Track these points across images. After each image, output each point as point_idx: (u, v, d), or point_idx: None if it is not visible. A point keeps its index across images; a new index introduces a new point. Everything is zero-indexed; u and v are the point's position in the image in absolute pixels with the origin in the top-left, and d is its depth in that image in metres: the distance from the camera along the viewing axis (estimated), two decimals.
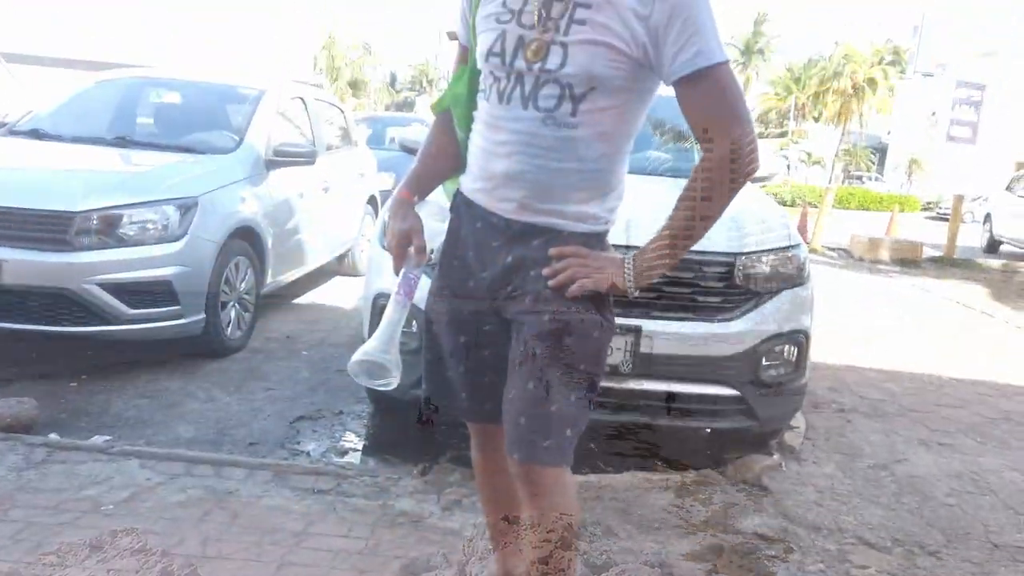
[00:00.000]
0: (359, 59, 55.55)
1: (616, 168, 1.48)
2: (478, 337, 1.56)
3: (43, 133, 4.44)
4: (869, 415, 3.79)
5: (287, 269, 4.88)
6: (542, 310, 1.45)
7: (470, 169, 1.54)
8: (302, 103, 5.49)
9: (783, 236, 2.95)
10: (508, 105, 1.42)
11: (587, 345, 1.46)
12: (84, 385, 3.48)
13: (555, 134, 1.40)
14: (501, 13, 1.43)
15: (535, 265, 1.47)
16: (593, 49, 1.35)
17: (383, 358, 1.50)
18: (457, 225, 1.57)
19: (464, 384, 1.60)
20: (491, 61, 1.44)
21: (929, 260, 10.71)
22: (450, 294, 1.57)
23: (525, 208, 1.46)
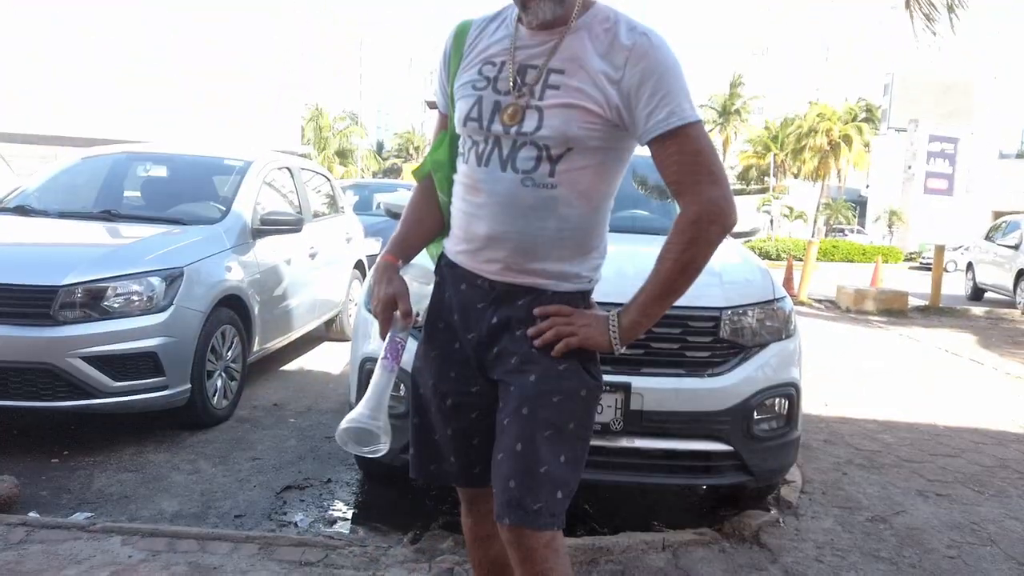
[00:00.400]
0: (346, 129, 56.55)
1: (597, 227, 1.50)
2: (465, 400, 1.54)
3: (29, 209, 4.46)
4: (865, 467, 3.76)
5: (274, 336, 4.86)
6: (528, 370, 1.44)
7: (453, 232, 1.55)
8: (289, 172, 5.55)
9: (767, 290, 2.97)
10: (487, 168, 1.45)
11: (575, 404, 1.45)
12: (66, 461, 3.41)
13: (534, 194, 1.42)
14: (477, 80, 1.47)
15: (520, 325, 1.47)
16: (567, 112, 1.39)
17: (371, 424, 1.47)
18: (442, 288, 1.57)
19: (452, 448, 1.57)
20: (469, 126, 1.47)
21: (915, 309, 10.79)
22: (436, 357, 1.56)
23: (508, 269, 1.47)
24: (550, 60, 1.42)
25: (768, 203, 39.90)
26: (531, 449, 1.40)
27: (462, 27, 1.58)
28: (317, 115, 53.22)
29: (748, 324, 2.81)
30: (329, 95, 71.43)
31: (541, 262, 1.46)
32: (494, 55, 1.48)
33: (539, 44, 1.44)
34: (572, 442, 1.44)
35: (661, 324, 2.70)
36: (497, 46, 1.49)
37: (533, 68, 1.43)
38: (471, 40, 1.53)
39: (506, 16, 1.52)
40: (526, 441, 1.41)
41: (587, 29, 1.43)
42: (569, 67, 1.40)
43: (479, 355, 1.51)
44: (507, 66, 1.45)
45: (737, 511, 2.98)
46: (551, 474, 1.40)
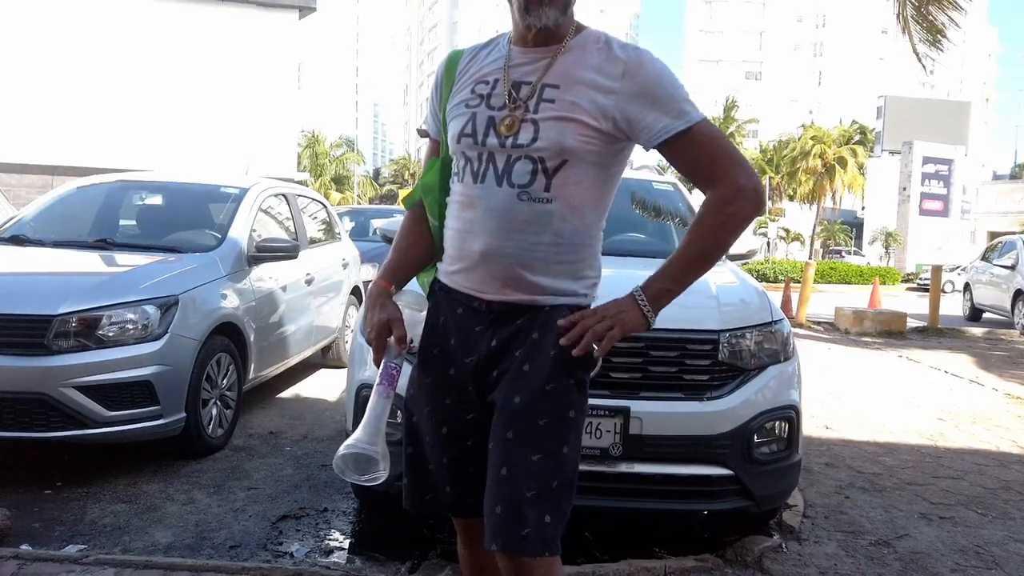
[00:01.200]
0: (342, 156, 56.85)
1: (591, 242, 1.51)
2: (461, 427, 1.52)
3: (25, 239, 4.45)
4: (867, 490, 3.72)
5: (270, 363, 4.83)
6: (514, 392, 1.43)
7: (447, 253, 1.55)
8: (285, 199, 5.56)
9: (765, 312, 2.96)
10: (482, 184, 1.45)
11: (564, 426, 1.43)
12: (59, 492, 3.36)
13: (530, 208, 1.42)
14: (470, 99, 1.49)
15: (519, 345, 1.46)
16: (563, 124, 1.41)
17: (370, 450, 1.45)
18: (436, 314, 1.56)
19: (447, 477, 1.55)
20: (463, 142, 1.48)
21: (914, 331, 10.77)
22: (431, 384, 1.55)
23: (505, 286, 1.46)
24: (544, 76, 1.44)
25: (765, 225, 40.03)
26: (517, 474, 1.38)
27: (454, 55, 1.61)
28: (313, 142, 53.56)
29: (746, 347, 2.80)
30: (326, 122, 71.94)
31: (538, 277, 1.45)
32: (487, 74, 1.50)
33: (533, 62, 1.47)
34: (561, 465, 1.42)
35: (659, 347, 2.71)
36: (490, 67, 1.51)
37: (527, 84, 1.45)
38: (463, 66, 1.56)
39: (498, 42, 1.56)
40: (511, 465, 1.39)
41: (580, 48, 1.46)
42: (563, 82, 1.43)
43: (479, 379, 1.49)
44: (500, 83, 1.47)
45: (739, 536, 2.94)
46: (539, 499, 1.38)
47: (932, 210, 37.89)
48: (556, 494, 1.40)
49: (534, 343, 1.45)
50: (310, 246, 5.64)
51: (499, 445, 1.41)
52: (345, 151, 58.22)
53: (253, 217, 4.78)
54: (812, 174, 46.21)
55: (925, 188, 37.77)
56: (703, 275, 1.49)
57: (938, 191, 38.03)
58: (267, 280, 4.71)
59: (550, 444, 1.41)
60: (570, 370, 1.45)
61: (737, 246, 4.19)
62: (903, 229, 37.66)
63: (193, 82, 17.92)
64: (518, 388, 1.43)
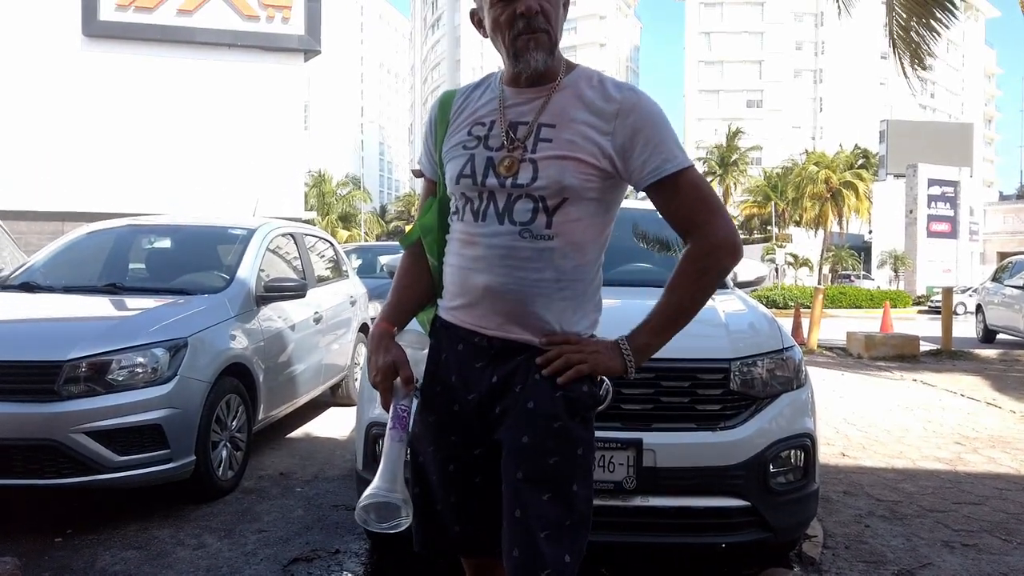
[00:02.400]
0: (349, 194, 57.36)
1: (592, 278, 1.52)
2: (468, 464, 1.51)
3: (35, 285, 4.48)
4: (888, 518, 3.65)
5: (280, 403, 4.81)
6: (522, 431, 1.42)
7: (447, 291, 1.55)
8: (292, 239, 5.59)
9: (776, 339, 2.93)
10: (484, 222, 1.46)
11: (573, 463, 1.42)
12: (69, 539, 3.33)
13: (532, 246, 1.43)
14: (468, 140, 1.50)
15: (521, 381, 1.45)
16: (562, 163, 1.42)
17: (391, 497, 1.42)
18: (437, 350, 1.56)
19: (456, 516, 1.53)
20: (462, 183, 1.49)
21: (927, 354, 10.68)
22: (435, 422, 1.54)
23: (507, 323, 1.46)
24: (540, 116, 1.46)
25: (772, 252, 40.00)
26: (530, 515, 1.37)
27: (446, 96, 1.62)
28: (320, 181, 54.11)
29: (758, 375, 2.77)
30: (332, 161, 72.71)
31: (540, 316, 1.46)
32: (482, 116, 1.51)
33: (527, 102, 1.48)
34: (573, 503, 1.40)
35: (670, 377, 2.69)
36: (485, 108, 1.52)
37: (523, 124, 1.46)
38: (457, 107, 1.57)
39: (490, 82, 1.57)
40: (524, 507, 1.38)
41: (573, 87, 1.47)
42: (560, 122, 1.44)
43: (482, 415, 1.48)
44: (497, 124, 1.48)
45: (758, 569, 2.89)
46: (554, 539, 1.36)
47: (940, 232, 37.80)
48: (571, 533, 1.39)
49: (537, 382, 1.44)
50: (318, 284, 5.66)
51: (510, 486, 1.40)
52: (351, 189, 58.80)
53: (261, 257, 4.81)
54: (818, 199, 46.28)
55: (932, 210, 37.72)
56: (684, 327, 1.51)
57: (945, 213, 37.98)
58: (276, 319, 4.72)
59: (561, 483, 1.40)
60: (576, 407, 1.44)
61: (745, 273, 4.19)
62: (911, 252, 37.54)
63: (201, 127, 18.19)
64: (525, 427, 1.42)
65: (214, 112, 18.32)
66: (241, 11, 18.81)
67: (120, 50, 18.00)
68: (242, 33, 18.74)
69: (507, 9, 1.42)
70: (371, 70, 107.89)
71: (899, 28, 8.70)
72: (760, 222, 53.54)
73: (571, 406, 1.43)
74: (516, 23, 1.42)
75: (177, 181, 17.53)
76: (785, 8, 75.34)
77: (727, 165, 55.45)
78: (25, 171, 16.97)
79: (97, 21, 17.96)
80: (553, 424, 1.41)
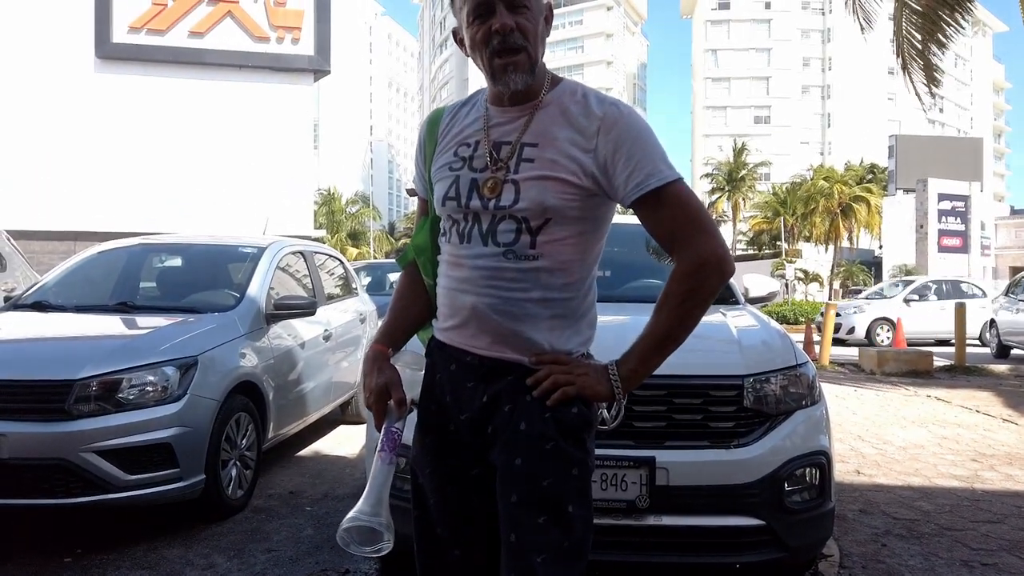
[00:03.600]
0: (358, 212, 57.63)
1: (582, 296, 1.49)
2: (465, 485, 1.49)
3: (46, 304, 4.50)
4: (905, 537, 3.60)
5: (289, 422, 4.80)
6: (515, 453, 1.39)
7: (440, 311, 1.54)
8: (302, 256, 5.60)
9: (789, 355, 2.91)
10: (469, 244, 1.45)
11: (568, 484, 1.39)
12: (79, 559, 3.32)
13: (517, 266, 1.42)
14: (453, 162, 1.50)
15: (509, 401, 1.43)
16: (543, 184, 1.40)
17: (373, 521, 1.41)
18: (432, 370, 1.55)
19: (455, 539, 1.50)
20: (448, 205, 1.48)
21: (941, 370, 10.58)
22: (432, 443, 1.52)
23: (496, 343, 1.45)
24: (523, 135, 1.45)
25: (781, 267, 39.85)
26: (526, 539, 1.35)
27: (435, 115, 1.62)
28: (330, 199, 54.40)
29: (771, 391, 2.74)
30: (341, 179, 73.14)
31: (529, 336, 1.44)
32: (468, 136, 1.51)
33: (511, 121, 1.47)
34: (570, 525, 1.37)
35: (682, 394, 2.66)
36: (470, 128, 1.52)
37: (507, 144, 1.45)
38: (444, 126, 1.57)
39: (476, 100, 1.57)
40: (519, 531, 1.35)
41: (556, 103, 1.46)
42: (542, 140, 1.43)
43: (475, 435, 1.47)
44: (482, 144, 1.47)
45: None
46: (552, 562, 1.34)
47: (951, 247, 37.58)
48: (569, 556, 1.36)
49: (528, 403, 1.42)
50: (328, 302, 5.66)
51: (505, 510, 1.38)
52: (361, 207, 59.11)
53: (271, 275, 4.81)
54: (827, 214, 46.16)
55: (943, 225, 37.53)
56: (672, 354, 1.45)
57: (956, 227, 37.77)
58: (285, 337, 4.72)
59: (556, 505, 1.37)
60: (568, 428, 1.42)
61: (757, 288, 4.17)
62: (923, 267, 37.29)
63: (212, 146, 18.34)
64: (518, 449, 1.40)
65: (225, 132, 18.48)
66: (252, 32, 19.02)
67: (132, 72, 18.21)
68: (253, 54, 18.94)
69: (483, 27, 1.41)
70: (380, 89, 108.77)
71: (909, 46, 8.71)
72: (769, 237, 53.37)
73: (562, 428, 1.41)
74: (491, 40, 1.40)
75: (188, 200, 17.66)
76: (792, 25, 75.57)
77: (735, 181, 55.41)
78: (38, 191, 17.13)
79: (110, 43, 18.19)
80: (545, 445, 1.39)
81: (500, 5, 1.40)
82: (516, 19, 1.40)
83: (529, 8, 1.42)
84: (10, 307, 4.58)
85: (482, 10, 1.40)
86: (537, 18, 1.44)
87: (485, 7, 1.40)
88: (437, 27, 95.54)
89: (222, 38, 18.87)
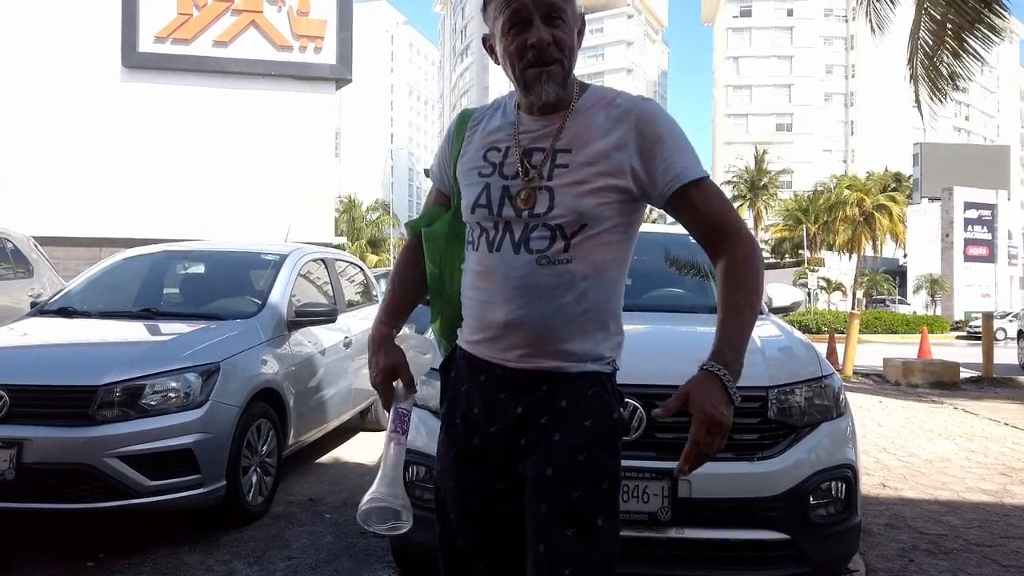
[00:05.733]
0: (378, 219, 57.95)
1: (613, 301, 1.48)
2: (490, 499, 1.47)
3: (72, 310, 4.54)
4: (932, 552, 3.52)
5: (309, 429, 4.81)
6: (545, 463, 1.38)
7: (467, 323, 1.52)
8: (323, 264, 5.63)
9: (814, 366, 2.86)
10: (499, 253, 1.43)
11: (599, 496, 1.37)
12: (101, 564, 3.34)
13: (550, 272, 1.39)
14: (483, 167, 1.48)
15: (545, 413, 1.42)
16: (578, 189, 1.39)
17: (391, 502, 1.45)
18: (458, 381, 1.53)
19: (477, 553, 1.49)
20: (478, 212, 1.46)
21: (968, 381, 10.41)
22: (456, 456, 1.50)
23: (529, 354, 1.42)
24: (556, 141, 1.43)
25: (804, 276, 39.49)
26: (554, 551, 1.33)
27: (465, 113, 1.61)
28: (351, 207, 54.77)
29: (796, 403, 2.70)
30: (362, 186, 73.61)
31: (564, 343, 1.42)
32: (497, 141, 1.49)
33: (542, 128, 1.46)
34: (598, 538, 1.35)
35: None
36: (500, 132, 1.50)
37: (539, 151, 1.43)
38: (472, 125, 1.56)
39: (503, 104, 1.55)
40: (548, 542, 1.34)
41: (587, 109, 1.45)
42: (575, 145, 1.41)
43: (506, 447, 1.45)
44: (512, 151, 1.45)
45: None
46: (581, 574, 1.32)
47: (977, 256, 37.08)
48: (597, 569, 1.34)
49: (563, 411, 1.41)
50: (348, 309, 5.68)
51: (534, 520, 1.36)
52: (381, 215, 59.46)
53: (292, 283, 4.84)
54: (851, 223, 45.70)
55: (969, 234, 37.03)
56: None
57: (982, 236, 37.25)
58: (306, 344, 4.73)
59: (585, 517, 1.35)
60: (602, 440, 1.40)
61: (781, 298, 4.12)
62: (948, 276, 36.83)
63: (235, 154, 18.51)
64: (549, 459, 1.38)
65: (247, 140, 18.65)
66: (275, 42, 19.19)
67: (158, 80, 18.44)
68: (276, 63, 19.11)
69: (518, 39, 1.39)
70: (401, 97, 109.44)
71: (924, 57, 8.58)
72: (791, 246, 52.93)
73: (598, 438, 1.39)
74: (526, 54, 1.39)
75: (211, 207, 17.83)
76: (814, 32, 75.08)
77: (756, 189, 55.06)
78: (63, 197, 17.37)
79: (136, 53, 18.44)
80: (578, 457, 1.37)
81: (537, 17, 1.38)
82: (553, 32, 1.39)
83: (565, 20, 1.40)
84: (36, 313, 4.64)
85: (518, 20, 1.39)
86: (572, 30, 1.43)
87: (522, 19, 1.38)
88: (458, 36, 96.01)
89: (246, 47, 19.06)
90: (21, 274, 6.53)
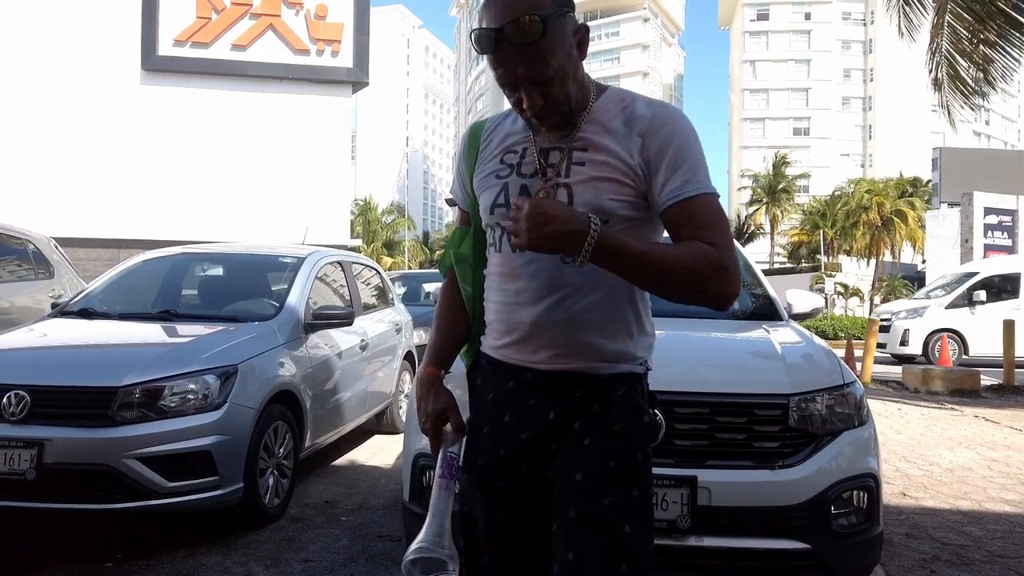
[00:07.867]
0: (393, 222, 58.14)
1: (642, 298, 1.45)
2: (516, 511, 1.45)
3: (92, 312, 4.58)
4: (955, 563, 3.47)
5: (326, 431, 4.82)
6: (574, 468, 1.36)
7: (491, 327, 1.50)
8: (340, 267, 5.64)
9: (835, 374, 2.83)
10: (523, 253, 1.40)
11: (628, 505, 1.35)
12: (119, 565, 3.36)
13: (576, 270, 1.36)
14: (500, 169, 1.47)
15: (579, 417, 1.40)
16: (596, 185, 1.37)
17: (437, 552, 1.38)
18: (483, 390, 1.51)
19: (502, 566, 1.46)
20: (497, 213, 1.45)
21: (988, 389, 10.27)
22: (483, 467, 1.47)
23: (560, 355, 1.40)
24: (572, 141, 1.41)
25: (821, 281, 39.17)
26: (584, 558, 1.31)
27: (476, 126, 1.60)
28: (366, 209, 54.98)
29: (817, 411, 2.67)
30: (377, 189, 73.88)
31: (593, 341, 1.40)
32: (514, 144, 1.48)
33: (558, 128, 1.44)
34: (627, 546, 1.33)
35: (725, 412, 2.61)
36: (516, 136, 1.49)
37: (556, 149, 1.42)
38: (486, 136, 1.54)
39: None
40: (577, 549, 1.32)
41: (604, 110, 1.43)
42: (592, 144, 1.40)
43: (533, 455, 1.43)
44: (530, 151, 1.44)
45: None
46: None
47: None
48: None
49: (595, 416, 1.39)
50: (364, 312, 5.69)
51: (563, 526, 1.34)
52: (396, 217, 59.65)
53: (310, 286, 4.85)
54: (869, 227, 45.31)
55: (989, 240, 36.54)
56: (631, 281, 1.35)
57: (1003, 242, 36.76)
58: (323, 347, 4.75)
59: (615, 524, 1.33)
60: (634, 445, 1.38)
61: (800, 304, 4.08)
62: None
63: (253, 157, 18.65)
64: (579, 464, 1.36)
65: (265, 143, 18.78)
66: (292, 45, 19.32)
67: (177, 83, 18.62)
68: (293, 66, 19.24)
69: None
70: (416, 100, 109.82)
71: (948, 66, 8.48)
72: (808, 251, 52.54)
73: (629, 442, 1.37)
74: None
75: (229, 209, 17.96)
76: (832, 36, 74.59)
77: (774, 193, 54.71)
78: (84, 199, 17.56)
79: (156, 56, 18.63)
80: (608, 463, 1.35)
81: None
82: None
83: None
84: (57, 314, 4.68)
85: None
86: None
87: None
88: None
89: (263, 51, 19.21)
90: (42, 275, 6.60)
